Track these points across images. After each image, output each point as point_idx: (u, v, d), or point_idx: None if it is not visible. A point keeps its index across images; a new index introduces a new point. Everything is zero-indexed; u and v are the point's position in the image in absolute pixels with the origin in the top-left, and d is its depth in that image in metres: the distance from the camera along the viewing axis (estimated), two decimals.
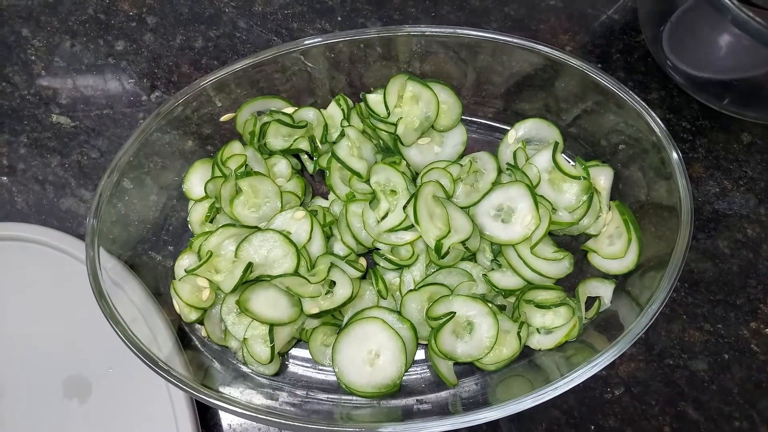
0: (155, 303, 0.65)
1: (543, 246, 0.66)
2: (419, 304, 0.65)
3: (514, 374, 0.63)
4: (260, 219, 0.69)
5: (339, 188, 0.70)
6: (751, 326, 0.69)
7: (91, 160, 0.78)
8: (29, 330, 0.67)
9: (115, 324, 0.57)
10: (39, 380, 0.65)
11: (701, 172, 0.76)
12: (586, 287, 0.66)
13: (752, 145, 0.77)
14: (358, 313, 0.65)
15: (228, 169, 0.69)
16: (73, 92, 0.82)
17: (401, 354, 0.62)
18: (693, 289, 0.70)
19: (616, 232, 0.67)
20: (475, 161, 0.71)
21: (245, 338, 0.63)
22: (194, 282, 0.65)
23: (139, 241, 0.70)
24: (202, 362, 0.64)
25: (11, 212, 0.76)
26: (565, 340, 0.63)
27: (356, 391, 0.61)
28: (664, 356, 0.68)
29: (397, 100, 0.71)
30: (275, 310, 0.62)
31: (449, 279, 0.65)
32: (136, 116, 0.80)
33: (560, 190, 0.69)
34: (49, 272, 0.68)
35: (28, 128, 0.80)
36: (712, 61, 0.72)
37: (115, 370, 0.65)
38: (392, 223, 0.66)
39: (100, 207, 0.62)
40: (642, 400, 0.66)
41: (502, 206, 0.67)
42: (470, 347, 0.62)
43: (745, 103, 0.74)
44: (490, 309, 0.62)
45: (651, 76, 0.80)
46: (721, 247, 0.72)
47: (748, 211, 0.74)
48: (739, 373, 0.67)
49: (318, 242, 0.67)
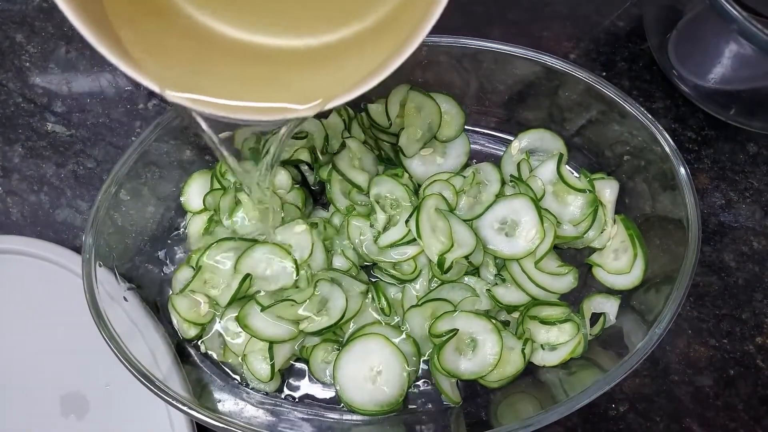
0: (154, 318, 0.64)
1: (547, 260, 0.65)
2: (422, 320, 0.64)
3: (518, 391, 0.63)
4: (260, 232, 0.68)
5: (339, 201, 0.69)
6: (756, 341, 0.68)
7: (87, 170, 0.77)
8: (25, 346, 0.66)
9: (113, 343, 0.56)
10: (35, 397, 0.64)
11: (707, 184, 0.75)
12: (591, 303, 0.65)
13: (758, 155, 0.76)
14: (360, 329, 0.64)
15: (227, 181, 0.68)
16: (69, 100, 0.81)
17: (404, 371, 0.61)
18: (698, 303, 0.70)
19: (621, 246, 0.66)
20: (478, 172, 0.70)
21: (245, 355, 0.62)
22: (192, 297, 0.64)
23: (136, 254, 0.68)
24: (201, 378, 0.63)
25: (6, 223, 0.75)
26: (570, 357, 0.62)
27: (357, 409, 0.60)
28: (669, 372, 0.67)
29: (399, 110, 0.70)
30: (275, 327, 0.61)
31: (452, 294, 0.64)
32: (133, 125, 0.79)
33: (565, 203, 0.68)
34: (44, 286, 0.67)
35: (23, 137, 0.79)
36: (719, 71, 0.71)
37: (113, 387, 0.64)
38: (394, 238, 0.65)
39: (97, 223, 0.61)
40: (647, 416, 0.66)
41: (506, 219, 0.66)
42: (474, 364, 0.61)
43: (751, 114, 0.73)
44: (494, 325, 0.61)
45: (656, 85, 0.79)
46: (727, 260, 0.71)
47: (754, 224, 0.73)
48: (745, 389, 0.67)
49: (319, 256, 0.66)
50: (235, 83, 0.43)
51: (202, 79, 0.42)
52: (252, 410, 0.61)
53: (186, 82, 0.41)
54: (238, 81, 0.44)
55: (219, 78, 0.43)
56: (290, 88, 0.44)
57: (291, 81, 0.45)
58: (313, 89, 0.42)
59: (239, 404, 0.62)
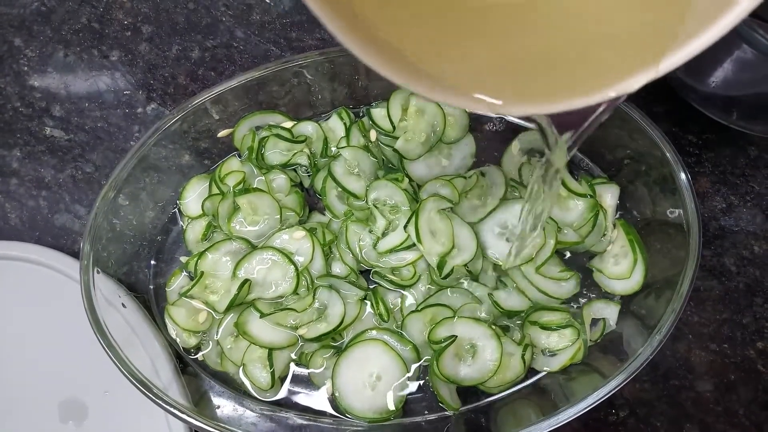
0: (153, 324, 0.64)
1: (549, 265, 0.65)
2: (421, 326, 0.63)
3: (518, 397, 0.62)
4: (258, 236, 0.68)
5: (336, 207, 0.69)
6: (757, 346, 0.68)
7: (85, 175, 0.77)
8: (23, 352, 0.66)
9: (111, 351, 0.56)
10: (34, 403, 0.64)
11: (707, 187, 0.74)
12: (591, 309, 0.65)
13: (759, 159, 0.76)
14: (359, 334, 0.63)
15: (226, 185, 0.68)
16: (67, 104, 0.80)
17: (403, 377, 0.61)
18: (699, 307, 0.69)
19: (621, 251, 0.66)
20: (482, 175, 0.70)
21: (244, 364, 0.62)
22: (190, 305, 0.63)
23: (134, 260, 0.68)
24: (200, 386, 0.63)
25: (5, 228, 0.74)
26: (571, 362, 0.62)
27: (356, 415, 0.60)
28: (670, 377, 0.67)
29: (401, 114, 0.70)
30: (274, 333, 0.61)
31: (453, 300, 0.64)
32: (132, 129, 0.79)
33: (566, 208, 0.68)
34: (43, 292, 0.67)
35: (21, 141, 0.79)
36: (720, 75, 0.70)
37: (112, 393, 0.64)
38: (393, 243, 0.64)
39: (95, 229, 0.61)
40: (647, 422, 0.65)
41: (506, 224, 0.66)
42: (473, 370, 0.61)
43: (752, 117, 0.72)
44: (493, 331, 0.61)
45: (657, 89, 0.78)
46: (728, 265, 0.71)
47: (755, 228, 0.73)
48: (745, 395, 0.66)
49: (318, 262, 0.66)
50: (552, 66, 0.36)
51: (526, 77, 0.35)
52: (251, 417, 0.61)
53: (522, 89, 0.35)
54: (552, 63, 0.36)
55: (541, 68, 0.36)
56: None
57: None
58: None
59: (238, 410, 0.61)
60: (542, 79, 0.36)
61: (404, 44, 0.33)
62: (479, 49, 0.35)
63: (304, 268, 0.64)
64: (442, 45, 0.35)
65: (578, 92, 0.35)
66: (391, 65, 0.32)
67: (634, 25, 0.35)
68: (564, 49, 0.36)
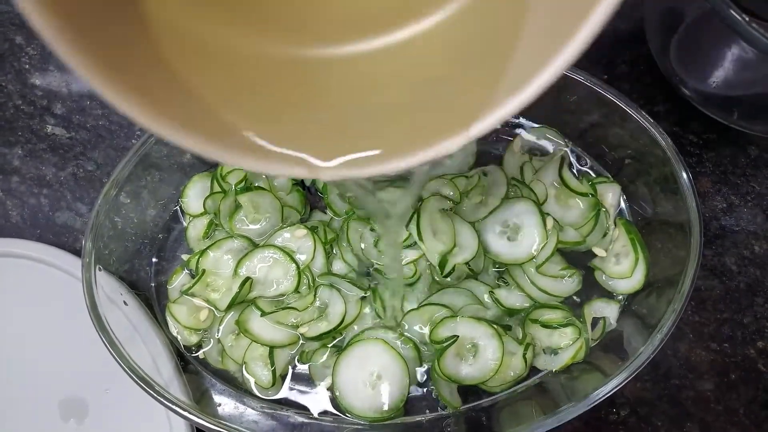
0: (154, 322, 0.64)
1: (551, 263, 0.65)
2: (422, 324, 0.63)
3: (520, 396, 0.62)
4: (260, 234, 0.68)
5: (337, 206, 0.69)
6: (758, 345, 0.68)
7: (87, 173, 0.77)
8: (24, 349, 0.66)
9: (113, 348, 0.56)
10: (34, 401, 0.64)
11: (708, 187, 0.75)
12: (592, 308, 0.65)
13: (760, 159, 0.76)
14: (359, 333, 0.63)
15: (228, 184, 0.68)
16: (69, 102, 0.80)
17: (404, 376, 0.61)
18: (700, 307, 0.69)
19: (622, 250, 0.66)
20: (484, 175, 0.70)
21: (245, 362, 0.62)
22: (191, 303, 0.63)
23: (136, 258, 0.68)
24: (201, 384, 0.63)
25: (6, 226, 0.74)
26: (572, 361, 0.62)
27: (357, 415, 0.60)
28: (670, 376, 0.67)
29: None
30: (275, 332, 0.61)
31: (455, 299, 0.64)
32: (133, 127, 0.79)
33: (567, 207, 0.68)
34: (44, 289, 0.67)
35: (23, 139, 0.79)
36: (720, 75, 0.70)
37: (113, 391, 0.64)
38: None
39: (97, 227, 0.61)
40: (648, 421, 0.65)
41: (507, 223, 0.66)
42: (475, 370, 0.61)
43: (753, 117, 0.73)
44: (495, 331, 0.61)
45: (657, 88, 0.79)
46: (728, 264, 0.71)
47: (756, 227, 0.73)
48: (746, 394, 0.66)
49: (320, 260, 0.66)
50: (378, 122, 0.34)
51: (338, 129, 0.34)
52: (252, 414, 0.61)
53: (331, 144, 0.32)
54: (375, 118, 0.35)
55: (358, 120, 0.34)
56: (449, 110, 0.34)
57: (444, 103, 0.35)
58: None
59: (239, 408, 0.61)
60: (346, 143, 0.34)
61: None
62: (295, 111, 0.35)
63: (305, 267, 0.64)
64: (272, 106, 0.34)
65: (390, 156, 0.34)
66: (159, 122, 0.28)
67: (438, 96, 0.35)
68: (363, 118, 0.35)
